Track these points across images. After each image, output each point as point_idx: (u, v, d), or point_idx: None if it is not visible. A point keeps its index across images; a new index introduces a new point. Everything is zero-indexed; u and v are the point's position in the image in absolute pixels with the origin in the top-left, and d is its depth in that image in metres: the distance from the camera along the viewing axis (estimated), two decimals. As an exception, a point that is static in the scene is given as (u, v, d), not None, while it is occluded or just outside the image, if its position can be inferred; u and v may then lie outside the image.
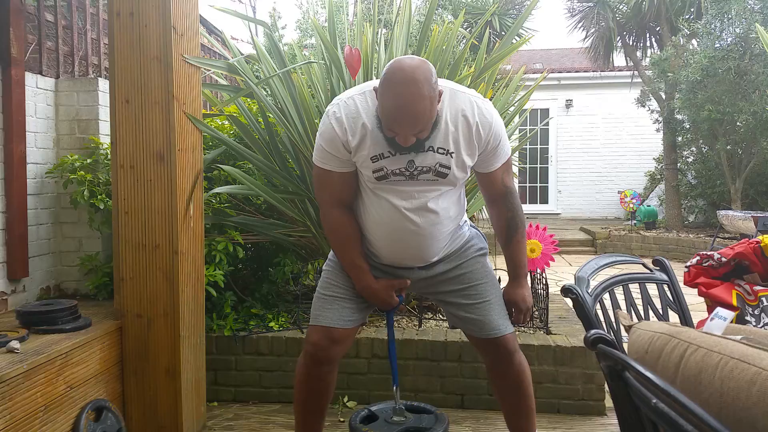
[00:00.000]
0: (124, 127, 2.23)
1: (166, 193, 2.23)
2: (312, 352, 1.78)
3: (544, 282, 3.07)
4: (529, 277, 3.17)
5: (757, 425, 0.52)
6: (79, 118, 2.85)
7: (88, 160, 2.75)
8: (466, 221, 1.92)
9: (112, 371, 2.23)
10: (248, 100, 3.19)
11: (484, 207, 3.01)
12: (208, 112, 3.17)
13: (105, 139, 2.85)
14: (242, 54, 2.96)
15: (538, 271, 3.12)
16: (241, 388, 2.77)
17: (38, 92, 2.74)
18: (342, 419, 2.53)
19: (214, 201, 2.86)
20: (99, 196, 2.65)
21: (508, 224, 1.82)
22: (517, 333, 1.92)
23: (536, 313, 3.05)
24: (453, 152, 1.65)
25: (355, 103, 1.66)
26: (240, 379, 2.77)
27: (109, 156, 2.70)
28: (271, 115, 2.86)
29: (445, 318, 3.00)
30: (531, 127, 10.48)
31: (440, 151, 1.64)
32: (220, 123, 3.21)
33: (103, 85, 2.86)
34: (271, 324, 2.82)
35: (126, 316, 2.27)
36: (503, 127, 1.72)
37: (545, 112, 11.57)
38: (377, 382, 2.70)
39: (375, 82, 1.66)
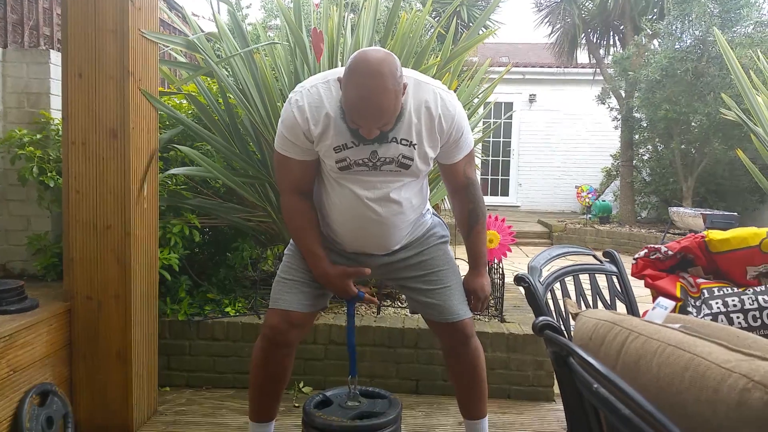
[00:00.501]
0: (76, 101, 2.15)
1: (120, 172, 2.16)
2: (270, 335, 1.79)
3: (501, 272, 3.13)
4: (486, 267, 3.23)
5: (687, 409, 0.54)
6: (28, 91, 2.72)
7: (38, 136, 2.64)
8: (428, 209, 1.95)
9: (59, 354, 2.16)
10: (208, 79, 3.12)
11: (446, 197, 3.03)
12: (166, 90, 3.09)
13: (56, 114, 2.74)
14: (203, 31, 2.88)
15: (495, 260, 3.17)
16: (194, 374, 2.73)
17: (-16, 62, 2.61)
18: (297, 404, 2.53)
19: (170, 182, 2.79)
20: (49, 174, 2.55)
21: (469, 215, 1.85)
22: (473, 320, 1.97)
23: (491, 301, 3.10)
24: (416, 144, 1.65)
25: (318, 91, 1.64)
26: (194, 364, 2.73)
27: (60, 132, 2.60)
28: (231, 96, 2.80)
29: (403, 306, 3.03)
30: (495, 120, 10.60)
31: (403, 142, 1.64)
32: (178, 102, 3.13)
33: (55, 57, 2.74)
34: (228, 309, 2.78)
35: (75, 298, 2.20)
36: (466, 120, 1.73)
37: (509, 106, 11.73)
38: (333, 368, 2.70)
39: (339, 71, 1.64)
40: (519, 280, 1.35)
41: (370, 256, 1.85)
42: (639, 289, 1.94)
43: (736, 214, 6.78)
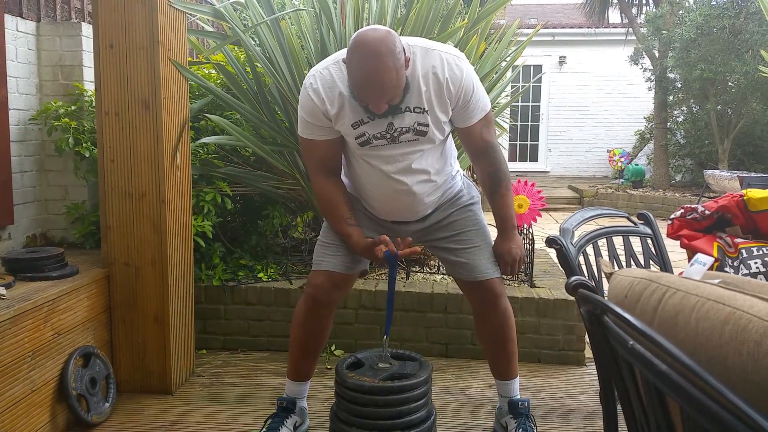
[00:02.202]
0: (108, 73, 2.18)
1: (153, 141, 2.20)
2: (313, 294, 1.87)
3: (531, 237, 3.11)
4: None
5: (727, 362, 0.54)
6: (62, 63, 2.77)
7: (73, 107, 2.69)
8: (458, 171, 1.98)
9: (99, 319, 2.24)
10: (235, 48, 3.11)
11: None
12: (194, 60, 3.10)
13: (89, 86, 2.79)
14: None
15: (525, 226, 3.14)
16: (229, 337, 2.81)
17: (18, 35, 2.65)
18: (329, 366, 2.59)
19: (201, 151, 2.82)
20: (84, 144, 2.61)
21: (491, 178, 1.86)
22: (503, 282, 1.99)
23: (522, 267, 3.09)
24: (427, 110, 1.70)
25: (330, 73, 1.70)
26: (228, 327, 2.81)
27: (93, 103, 2.64)
28: (259, 64, 2.80)
29: (432, 271, 3.05)
30: (523, 84, 10.37)
31: (416, 110, 1.69)
32: (206, 72, 3.14)
33: (87, 30, 2.77)
34: (260, 275, 2.84)
35: (113, 264, 2.27)
36: (476, 81, 1.74)
37: (538, 69, 11.44)
38: (364, 331, 2.75)
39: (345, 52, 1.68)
40: (551, 242, 1.34)
41: (405, 224, 1.91)
42: (674, 254, 1.91)
43: (774, 176, 6.57)
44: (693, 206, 1.99)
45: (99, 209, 2.32)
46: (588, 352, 2.74)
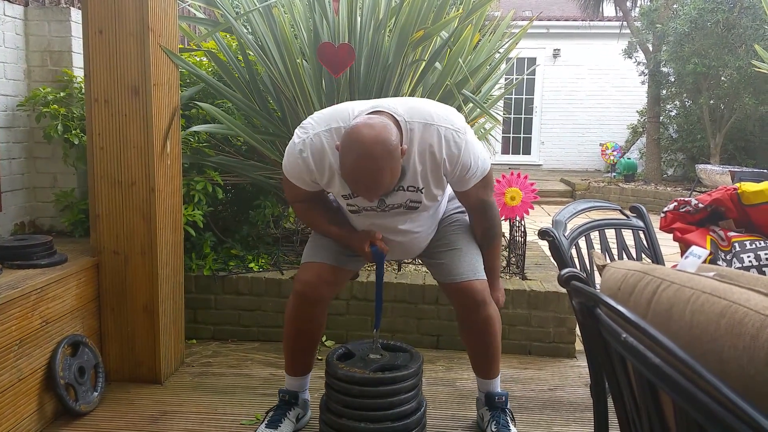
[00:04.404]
0: (97, 59, 2.14)
1: (142, 129, 2.17)
2: (301, 290, 1.82)
3: (523, 230, 3.11)
4: (507, 225, 3.21)
5: (722, 355, 0.54)
6: (51, 49, 2.72)
7: (62, 94, 2.65)
8: (448, 189, 1.92)
9: (88, 307, 2.22)
10: (227, 36, 3.08)
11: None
12: (185, 47, 3.06)
13: (79, 72, 2.75)
14: (221, -15, 2.83)
15: (518, 218, 3.14)
16: (220, 327, 2.80)
17: (6, 20, 2.60)
18: (320, 357, 2.58)
19: (192, 140, 2.79)
20: (73, 131, 2.58)
21: (483, 234, 1.90)
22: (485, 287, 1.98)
23: (513, 259, 3.09)
24: (423, 188, 1.69)
25: (321, 141, 1.62)
26: (219, 317, 2.79)
27: (83, 90, 2.61)
28: (251, 52, 2.76)
29: (422, 263, 3.04)
30: (517, 76, 10.36)
31: (410, 189, 1.68)
32: (197, 59, 3.10)
33: (76, 15, 2.73)
34: (251, 265, 2.83)
35: (102, 253, 2.25)
36: (474, 153, 1.66)
37: (532, 61, 11.43)
38: (355, 322, 2.74)
39: (341, 115, 1.64)
40: (543, 233, 1.34)
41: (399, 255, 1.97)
42: (666, 247, 1.91)
43: (765, 171, 6.60)
44: (686, 199, 1.99)
45: (88, 197, 2.29)
46: (578, 345, 2.75)
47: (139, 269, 2.25)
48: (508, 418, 1.94)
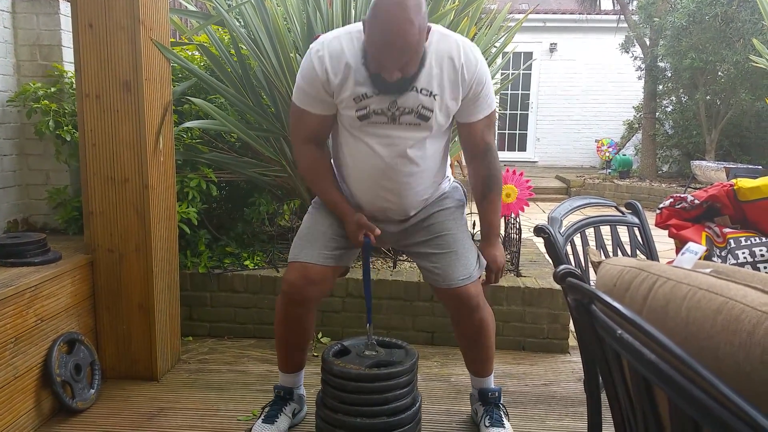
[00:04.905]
0: (88, 53, 2.12)
1: (135, 125, 2.15)
2: (288, 291, 1.79)
3: (518, 226, 3.11)
4: (502, 221, 3.20)
5: (718, 352, 0.53)
6: (40, 43, 2.69)
7: (52, 89, 2.63)
8: (448, 177, 1.92)
9: (83, 305, 2.21)
10: (219, 29, 3.06)
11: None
12: (177, 41, 3.04)
13: (69, 67, 2.72)
14: (214, -20, 2.81)
15: (512, 215, 3.14)
16: (216, 324, 2.79)
17: (-4, 14, 2.58)
18: (315, 354, 2.58)
19: (185, 136, 2.78)
20: (65, 128, 2.56)
21: (483, 182, 1.82)
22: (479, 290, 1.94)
23: (508, 256, 3.09)
24: (437, 95, 1.64)
25: (340, 43, 1.63)
26: (215, 315, 2.78)
27: (74, 85, 2.58)
28: (243, 46, 2.75)
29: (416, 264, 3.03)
30: (513, 71, 10.36)
31: (423, 92, 1.63)
32: (189, 54, 3.08)
33: (65, 8, 2.70)
34: (246, 263, 2.81)
35: (97, 251, 2.23)
36: (489, 75, 1.70)
37: (528, 56, 11.41)
38: (351, 320, 2.74)
39: (359, 28, 1.63)
40: (539, 230, 1.33)
41: (387, 223, 1.84)
42: (661, 244, 1.91)
43: (760, 167, 6.63)
44: (682, 195, 1.99)
45: (81, 194, 2.27)
46: (572, 341, 2.75)
47: (134, 267, 2.23)
48: (502, 413, 1.94)
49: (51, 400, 2.01)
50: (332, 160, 1.86)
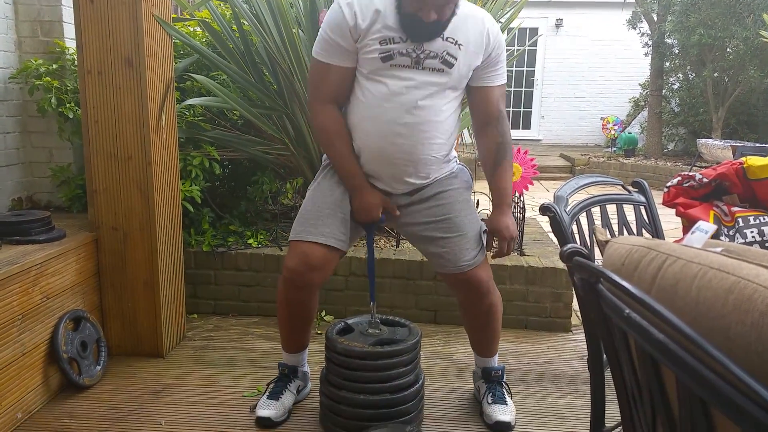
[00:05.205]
0: (89, 29, 2.10)
1: (137, 102, 2.14)
2: (289, 278, 1.78)
3: (522, 205, 3.09)
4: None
5: (729, 332, 0.53)
6: (41, 19, 2.66)
7: (54, 66, 2.60)
8: (455, 157, 1.90)
9: (89, 283, 2.22)
10: (221, 4, 3.02)
11: (469, 129, 2.97)
12: (178, 17, 3.00)
13: (71, 44, 2.69)
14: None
15: (516, 194, 3.12)
16: (220, 302, 2.81)
17: (-5, -11, 2.55)
18: (319, 332, 2.59)
19: (187, 113, 2.76)
20: (68, 105, 2.54)
21: (497, 149, 1.80)
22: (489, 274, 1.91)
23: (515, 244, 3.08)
24: (462, 45, 1.67)
25: None
26: (219, 293, 2.80)
27: (75, 62, 2.56)
28: (246, 22, 2.71)
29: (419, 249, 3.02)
30: (519, 47, 10.22)
31: (450, 40, 1.66)
32: (191, 29, 3.05)
33: (66, -17, 2.66)
34: (250, 241, 2.82)
35: (101, 229, 2.24)
36: (505, 48, 1.77)
37: (534, 32, 11.25)
38: (354, 298, 2.75)
39: None
40: (545, 209, 1.32)
41: (392, 195, 1.82)
42: (667, 223, 1.90)
43: (767, 146, 6.56)
44: (690, 174, 1.97)
45: (84, 172, 2.27)
46: (574, 320, 2.76)
47: (138, 245, 2.24)
48: (504, 391, 1.96)
49: (58, 377, 2.03)
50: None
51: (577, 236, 1.53)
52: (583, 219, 1.57)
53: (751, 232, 1.76)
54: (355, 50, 1.66)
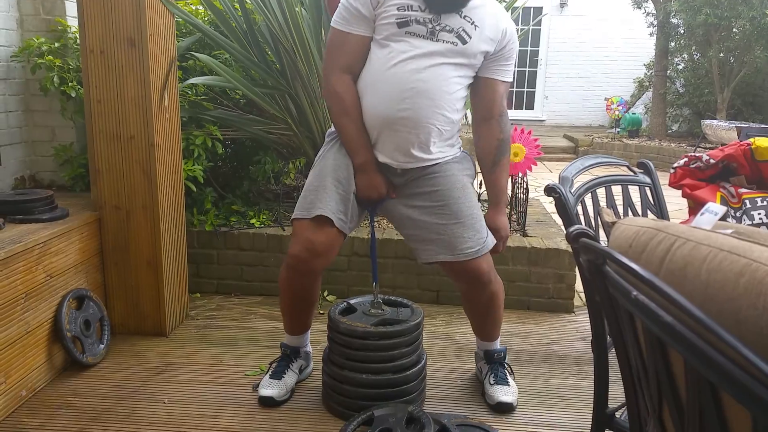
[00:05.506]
0: (91, 8, 2.08)
1: (139, 81, 2.12)
2: (293, 264, 1.77)
3: (525, 186, 3.09)
4: (510, 182, 3.18)
5: (739, 315, 0.53)
6: (42, -4, 2.64)
7: (56, 44, 2.58)
8: (459, 143, 1.88)
9: (92, 262, 2.23)
10: (225, -18, 2.97)
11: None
12: (182, -5, 2.96)
13: (72, 22, 2.66)
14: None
15: (520, 175, 3.11)
16: (223, 281, 2.82)
17: (-6, -35, 2.51)
18: (322, 312, 2.61)
19: (190, 93, 2.74)
20: (70, 83, 2.52)
21: (498, 146, 1.81)
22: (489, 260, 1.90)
23: (514, 216, 3.08)
24: (478, 26, 1.68)
25: None
26: (222, 272, 2.81)
27: (78, 40, 2.54)
28: (248, 1, 2.68)
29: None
30: (523, 27, 10.09)
31: (467, 18, 1.67)
32: (193, 8, 3.01)
33: (66, -41, 2.62)
34: (253, 221, 2.82)
35: (104, 208, 2.24)
36: (517, 50, 1.81)
37: (539, 11, 11.10)
38: (356, 278, 2.76)
39: None
40: (550, 190, 1.31)
41: (391, 176, 1.79)
42: (671, 204, 1.89)
43: (772, 127, 6.52)
44: (697, 155, 1.95)
45: (87, 151, 2.26)
46: (577, 301, 2.77)
47: (141, 224, 2.24)
48: (507, 372, 1.97)
49: (62, 355, 2.05)
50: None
51: (582, 217, 1.53)
52: (588, 201, 1.56)
53: (759, 213, 1.75)
54: (373, 17, 1.67)
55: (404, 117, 1.67)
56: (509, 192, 3.29)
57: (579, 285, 2.64)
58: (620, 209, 1.61)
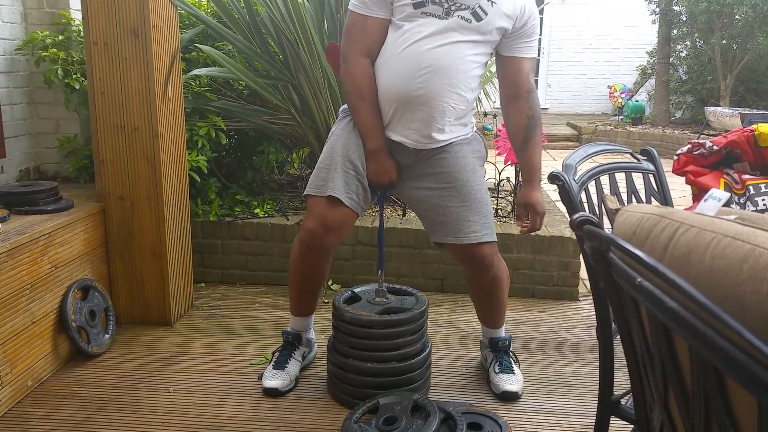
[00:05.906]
0: (94, 0, 2.07)
1: (143, 73, 2.12)
2: (307, 239, 1.79)
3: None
4: (513, 169, 3.18)
5: (744, 301, 0.53)
6: (45, -11, 2.63)
7: (60, 37, 2.58)
8: (473, 123, 1.88)
9: (97, 252, 2.24)
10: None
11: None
12: (184, -14, 2.95)
13: (76, 15, 2.66)
14: None
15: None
16: (228, 271, 2.83)
17: (-5, -43, 2.50)
18: (326, 300, 2.62)
19: (193, 84, 2.74)
20: (74, 76, 2.52)
21: (528, 122, 1.80)
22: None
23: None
24: (495, 3, 1.66)
25: None
26: (226, 262, 2.82)
27: (82, 33, 2.54)
28: (251, -10, 2.67)
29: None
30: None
31: None
32: (196, 0, 3.00)
33: (68, -49, 2.62)
34: (257, 211, 2.83)
35: (108, 199, 2.25)
36: (539, 25, 1.79)
37: (540, 0, 11.01)
38: (360, 267, 2.77)
39: None
40: (553, 177, 1.32)
41: (402, 152, 1.79)
42: (675, 191, 1.89)
43: (776, 114, 6.48)
44: (700, 141, 1.95)
45: (91, 143, 2.27)
46: (582, 288, 2.78)
47: (146, 214, 2.25)
48: (512, 360, 1.98)
49: (67, 345, 2.07)
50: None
51: (585, 205, 1.53)
52: (591, 188, 1.56)
53: (763, 199, 1.75)
54: (391, 0, 1.67)
55: (419, 95, 1.68)
56: (512, 179, 3.30)
57: (583, 272, 2.65)
58: (624, 196, 1.61)
